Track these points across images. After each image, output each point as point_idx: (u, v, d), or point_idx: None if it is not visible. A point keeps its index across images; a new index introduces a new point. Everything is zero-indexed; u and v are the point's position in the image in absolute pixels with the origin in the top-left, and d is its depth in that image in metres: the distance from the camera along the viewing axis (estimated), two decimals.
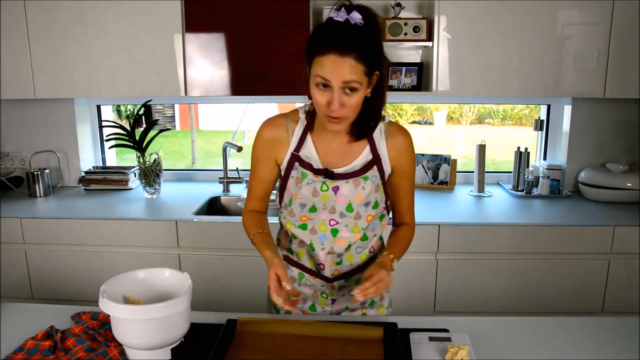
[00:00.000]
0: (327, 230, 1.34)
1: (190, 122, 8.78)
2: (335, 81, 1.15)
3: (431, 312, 2.32)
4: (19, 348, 1.18)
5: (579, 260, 2.25)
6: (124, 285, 1.18)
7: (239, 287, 2.31)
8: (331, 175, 1.31)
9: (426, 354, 1.15)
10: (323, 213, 1.33)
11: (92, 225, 2.31)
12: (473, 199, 2.63)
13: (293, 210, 1.35)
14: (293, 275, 1.43)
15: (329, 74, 1.15)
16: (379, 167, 1.33)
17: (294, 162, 1.34)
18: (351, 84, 1.15)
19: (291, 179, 1.35)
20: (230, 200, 2.74)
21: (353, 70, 1.14)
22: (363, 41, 1.15)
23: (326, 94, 1.18)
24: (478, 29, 2.34)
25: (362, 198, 1.31)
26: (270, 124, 1.37)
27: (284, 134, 1.35)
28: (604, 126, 2.69)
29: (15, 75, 2.46)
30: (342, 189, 1.31)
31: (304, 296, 1.44)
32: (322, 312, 1.44)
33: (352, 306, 1.44)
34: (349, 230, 1.34)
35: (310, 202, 1.33)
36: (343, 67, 1.13)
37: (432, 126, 8.31)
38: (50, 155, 2.86)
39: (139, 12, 2.38)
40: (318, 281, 1.41)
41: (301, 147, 1.33)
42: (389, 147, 1.34)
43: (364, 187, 1.31)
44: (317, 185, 1.31)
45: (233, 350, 1.17)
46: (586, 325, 1.32)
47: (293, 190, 1.34)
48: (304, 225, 1.35)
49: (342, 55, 1.13)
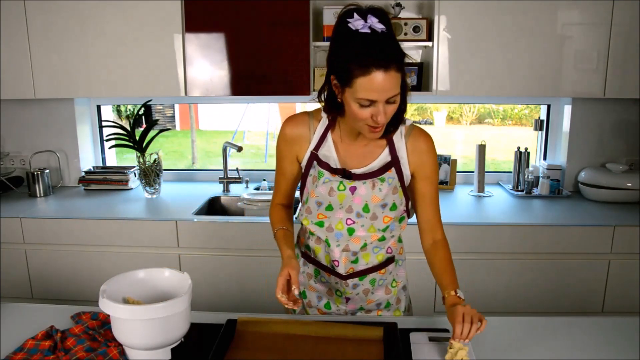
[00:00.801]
0: (343, 229, 1.34)
1: (190, 122, 8.79)
2: (382, 98, 1.13)
3: (431, 312, 2.32)
4: (19, 348, 1.18)
5: (579, 260, 2.25)
6: (124, 285, 1.18)
7: (239, 287, 2.32)
8: (349, 175, 1.31)
9: (426, 354, 1.15)
10: (340, 212, 1.33)
11: (92, 225, 2.31)
12: (473, 199, 2.63)
13: (310, 207, 1.36)
14: (309, 271, 1.44)
15: (377, 92, 1.11)
16: (398, 170, 1.32)
17: (313, 161, 1.35)
18: (393, 98, 1.14)
19: (309, 177, 1.36)
20: (230, 200, 2.74)
21: (396, 83, 1.13)
22: (395, 47, 1.13)
23: (369, 109, 1.15)
24: (478, 29, 2.34)
25: (378, 199, 1.31)
26: (292, 121, 1.37)
27: (306, 132, 1.35)
28: (604, 126, 2.69)
29: (15, 75, 2.46)
30: (359, 189, 1.31)
31: (319, 293, 1.45)
32: (337, 310, 1.44)
33: (367, 307, 1.44)
34: (365, 230, 1.34)
35: (327, 201, 1.33)
36: (389, 83, 1.11)
37: (432, 126, 8.32)
38: (50, 155, 2.86)
39: (139, 12, 2.38)
40: (333, 278, 1.41)
41: (321, 146, 1.34)
42: (410, 150, 1.33)
43: (381, 188, 1.31)
44: (334, 185, 1.32)
45: (233, 350, 1.17)
46: (586, 325, 1.32)
47: (310, 188, 1.35)
48: (321, 222, 1.36)
49: (387, 70, 1.10)
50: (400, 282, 1.47)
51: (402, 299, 1.48)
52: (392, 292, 1.45)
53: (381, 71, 1.09)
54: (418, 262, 2.27)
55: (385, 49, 1.11)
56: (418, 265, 2.27)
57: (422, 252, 2.22)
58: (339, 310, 1.44)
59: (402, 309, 1.48)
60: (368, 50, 1.10)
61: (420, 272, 2.28)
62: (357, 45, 1.11)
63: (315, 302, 1.45)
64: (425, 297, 2.30)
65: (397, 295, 1.47)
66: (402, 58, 1.13)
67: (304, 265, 1.46)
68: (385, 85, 1.11)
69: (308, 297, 1.47)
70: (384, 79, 1.10)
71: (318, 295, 1.45)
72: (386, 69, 1.10)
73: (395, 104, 1.17)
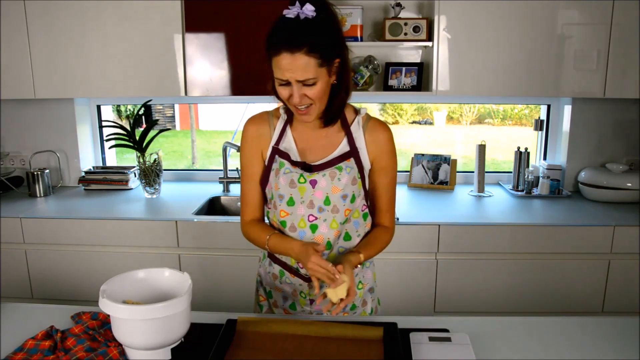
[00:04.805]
0: (306, 227, 1.34)
1: (190, 122, 8.78)
2: (291, 79, 1.20)
3: (431, 312, 2.32)
4: (19, 348, 1.18)
5: (579, 260, 2.25)
6: (124, 285, 1.18)
7: (239, 287, 2.31)
8: (308, 167, 1.32)
9: (426, 354, 1.15)
10: (301, 208, 1.33)
11: (92, 225, 2.31)
12: (473, 199, 2.63)
13: (275, 202, 1.36)
14: (274, 272, 1.44)
15: (284, 73, 1.19)
16: (356, 159, 1.34)
17: (274, 155, 1.36)
18: (307, 81, 1.20)
19: (272, 172, 1.37)
20: (230, 200, 2.74)
21: (306, 66, 1.18)
22: (312, 33, 1.18)
23: (288, 89, 1.23)
24: (478, 29, 2.34)
25: (338, 190, 1.32)
26: (253, 119, 1.42)
27: (267, 129, 1.39)
28: (604, 126, 2.69)
29: (15, 75, 2.46)
30: (319, 182, 1.32)
31: (284, 294, 1.45)
32: (302, 311, 1.44)
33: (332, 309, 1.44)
34: (327, 225, 1.34)
35: (288, 194, 1.33)
36: (295, 65, 1.18)
37: (432, 126, 8.31)
38: (50, 155, 2.86)
39: (139, 12, 2.38)
40: (297, 280, 1.41)
41: (281, 140, 1.37)
42: (368, 140, 1.35)
43: (340, 178, 1.32)
44: (294, 177, 1.33)
45: (233, 350, 1.17)
46: (586, 325, 1.32)
47: (273, 182, 1.36)
48: (284, 222, 1.36)
49: (293, 52, 1.17)
50: (367, 284, 1.47)
51: (368, 301, 1.48)
52: (357, 294, 1.44)
53: (288, 53, 1.17)
54: (416, 262, 2.27)
55: (296, 32, 1.17)
56: (418, 265, 2.28)
57: (417, 253, 2.24)
58: (304, 311, 1.44)
59: (367, 311, 1.48)
60: (279, 32, 1.19)
61: (419, 272, 2.28)
62: (275, 28, 1.21)
63: (281, 303, 1.45)
64: (425, 297, 2.30)
65: (362, 297, 1.46)
66: (319, 42, 1.18)
67: (269, 266, 1.46)
68: (292, 66, 1.18)
69: (274, 298, 1.46)
70: (291, 60, 1.17)
71: (283, 295, 1.45)
72: (292, 51, 1.17)
73: (314, 87, 1.21)
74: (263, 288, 1.50)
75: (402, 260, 2.26)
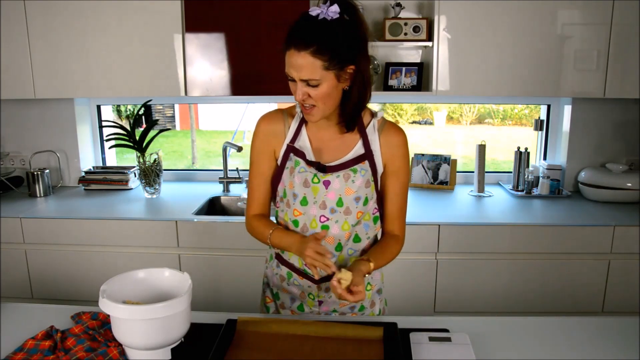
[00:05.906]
0: (317, 227, 1.34)
1: (190, 122, 8.79)
2: (294, 76, 1.21)
3: (431, 312, 2.32)
4: (19, 348, 1.18)
5: (579, 260, 2.25)
6: (124, 285, 1.18)
7: (239, 287, 2.31)
8: (322, 168, 1.32)
9: (426, 354, 1.15)
10: (314, 208, 1.33)
11: (92, 225, 2.31)
12: (473, 199, 2.63)
13: (288, 201, 1.36)
14: (282, 274, 1.43)
15: (289, 69, 1.21)
16: (371, 162, 1.34)
17: (289, 153, 1.36)
18: (310, 81, 1.20)
19: (286, 170, 1.36)
20: (231, 200, 2.74)
21: (310, 66, 1.18)
22: (325, 35, 1.17)
23: (293, 85, 1.24)
24: (478, 29, 2.34)
25: (352, 192, 1.32)
26: (267, 117, 1.40)
27: (281, 127, 1.38)
28: (604, 126, 2.69)
29: (15, 75, 2.46)
30: (333, 183, 1.32)
31: (292, 296, 1.44)
32: (310, 312, 1.44)
33: (341, 309, 1.43)
34: (339, 226, 1.33)
35: (302, 193, 1.33)
36: (300, 63, 1.18)
37: (432, 126, 8.31)
38: (50, 155, 2.86)
39: (139, 12, 2.38)
40: (305, 282, 1.40)
41: (296, 139, 1.36)
42: (382, 143, 1.35)
43: (354, 180, 1.32)
44: (308, 176, 1.32)
45: (233, 350, 1.17)
46: (586, 325, 1.32)
47: (287, 180, 1.35)
48: (296, 221, 1.35)
49: (300, 50, 1.18)
50: (375, 285, 1.47)
51: (376, 302, 1.48)
52: (366, 295, 1.43)
53: (295, 50, 1.18)
54: (416, 262, 2.27)
55: (308, 31, 1.17)
56: (418, 265, 2.28)
57: (417, 253, 2.24)
58: (312, 312, 1.43)
59: (376, 312, 1.48)
60: (295, 28, 1.20)
61: (419, 272, 2.29)
62: (295, 23, 1.21)
63: (289, 304, 1.45)
64: (425, 297, 2.30)
65: (371, 299, 1.46)
66: (325, 46, 1.17)
67: (277, 267, 1.45)
68: (297, 64, 1.19)
69: (281, 299, 1.46)
70: (296, 58, 1.18)
71: (291, 297, 1.44)
72: (299, 49, 1.17)
73: (317, 89, 1.21)
74: (270, 289, 1.49)
75: (402, 260, 2.26)
